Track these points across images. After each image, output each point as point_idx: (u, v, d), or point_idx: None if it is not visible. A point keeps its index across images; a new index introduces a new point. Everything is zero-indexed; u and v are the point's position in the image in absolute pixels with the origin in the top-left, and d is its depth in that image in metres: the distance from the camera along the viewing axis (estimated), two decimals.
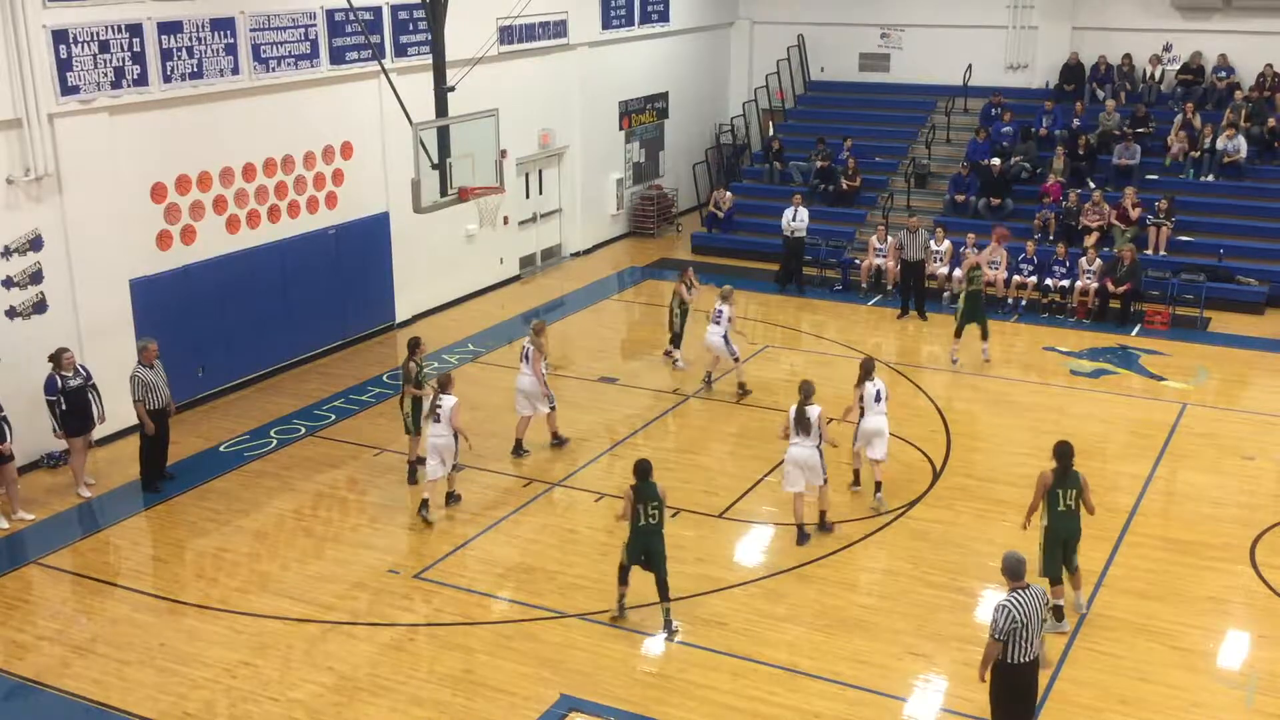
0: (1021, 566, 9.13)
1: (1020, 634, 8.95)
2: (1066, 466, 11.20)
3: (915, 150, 26.25)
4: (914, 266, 20.96)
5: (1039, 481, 11.33)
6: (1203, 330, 20.30)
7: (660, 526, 11.35)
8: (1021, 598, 8.99)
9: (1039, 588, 9.24)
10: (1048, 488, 11.22)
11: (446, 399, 13.51)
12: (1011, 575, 9.12)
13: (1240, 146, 23.33)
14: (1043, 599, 9.17)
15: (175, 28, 15.79)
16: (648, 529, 11.29)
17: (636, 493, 11.22)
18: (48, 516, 13.92)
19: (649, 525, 11.28)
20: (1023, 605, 8.95)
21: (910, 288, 21.12)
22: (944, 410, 16.76)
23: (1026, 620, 8.94)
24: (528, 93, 22.46)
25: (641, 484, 11.23)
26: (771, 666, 10.86)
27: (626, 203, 26.75)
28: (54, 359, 13.93)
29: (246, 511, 14.07)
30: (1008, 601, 8.97)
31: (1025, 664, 9.08)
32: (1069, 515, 11.26)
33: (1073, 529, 11.34)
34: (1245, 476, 14.78)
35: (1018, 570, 9.11)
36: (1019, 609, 8.93)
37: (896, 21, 28.38)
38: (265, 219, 17.73)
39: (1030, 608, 8.98)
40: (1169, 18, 25.74)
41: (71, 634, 11.56)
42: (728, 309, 17.09)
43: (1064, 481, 11.20)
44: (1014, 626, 8.92)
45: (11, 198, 14.38)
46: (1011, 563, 9.15)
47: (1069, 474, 11.21)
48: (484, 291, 22.43)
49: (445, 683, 10.71)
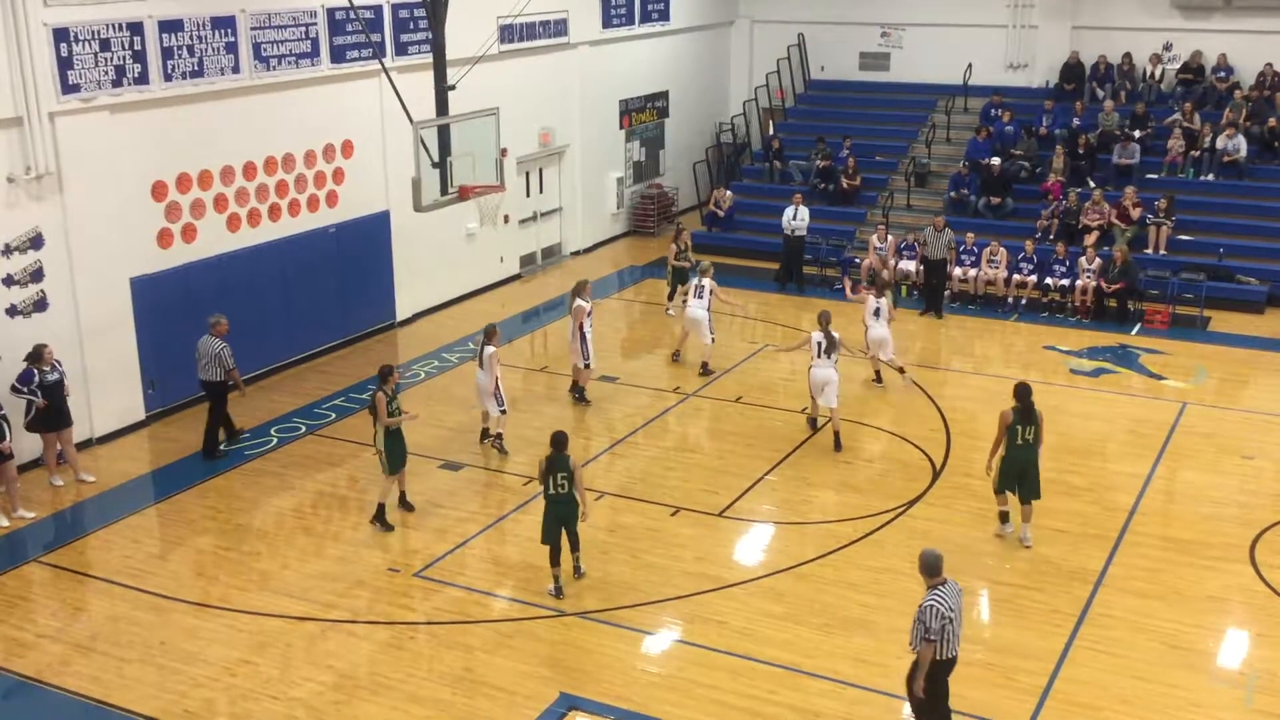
0: (939, 563, 9.21)
1: (948, 629, 9.08)
2: (1028, 406, 12.57)
3: (915, 149, 26.25)
4: (936, 265, 20.95)
5: (1000, 420, 12.65)
6: (1203, 329, 20.30)
7: (570, 495, 11.80)
8: (943, 593, 9.11)
9: (955, 583, 9.30)
10: (1009, 425, 12.56)
11: (488, 349, 14.96)
12: (929, 573, 9.21)
13: (1240, 146, 23.33)
14: (960, 593, 9.27)
15: (176, 26, 15.80)
16: (557, 498, 11.77)
17: (549, 463, 11.66)
18: (48, 515, 13.93)
19: (558, 495, 11.75)
20: (946, 600, 9.07)
21: (933, 286, 21.08)
22: (944, 409, 16.77)
23: (952, 615, 9.07)
24: (528, 91, 22.46)
25: (556, 455, 11.66)
26: (771, 665, 10.86)
27: (626, 202, 26.75)
28: (34, 355, 13.95)
29: (247, 510, 14.08)
30: (933, 600, 9.05)
31: (949, 660, 9.22)
32: (1026, 448, 12.65)
33: (1030, 459, 12.69)
34: (1245, 476, 14.79)
35: (935, 567, 9.21)
36: (944, 604, 9.05)
37: (897, 20, 28.38)
38: (266, 217, 17.74)
39: (953, 602, 9.11)
40: (1169, 17, 25.74)
41: (72, 632, 11.56)
42: (709, 282, 17.97)
43: (1024, 419, 12.56)
44: (943, 623, 9.03)
45: (12, 196, 14.38)
46: (929, 560, 9.23)
47: (1030, 412, 12.56)
48: (484, 290, 22.44)
49: (445, 681, 10.72)
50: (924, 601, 9.08)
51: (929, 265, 21.06)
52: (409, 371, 18.51)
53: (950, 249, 21.03)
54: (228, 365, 15.08)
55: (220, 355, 15.05)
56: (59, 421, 14.23)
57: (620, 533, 13.40)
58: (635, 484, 14.62)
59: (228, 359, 15.07)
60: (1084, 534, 13.26)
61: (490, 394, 15.18)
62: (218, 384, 15.23)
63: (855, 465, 15.09)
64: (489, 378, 15.09)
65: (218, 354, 15.05)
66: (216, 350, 15.05)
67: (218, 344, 15.06)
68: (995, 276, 21.36)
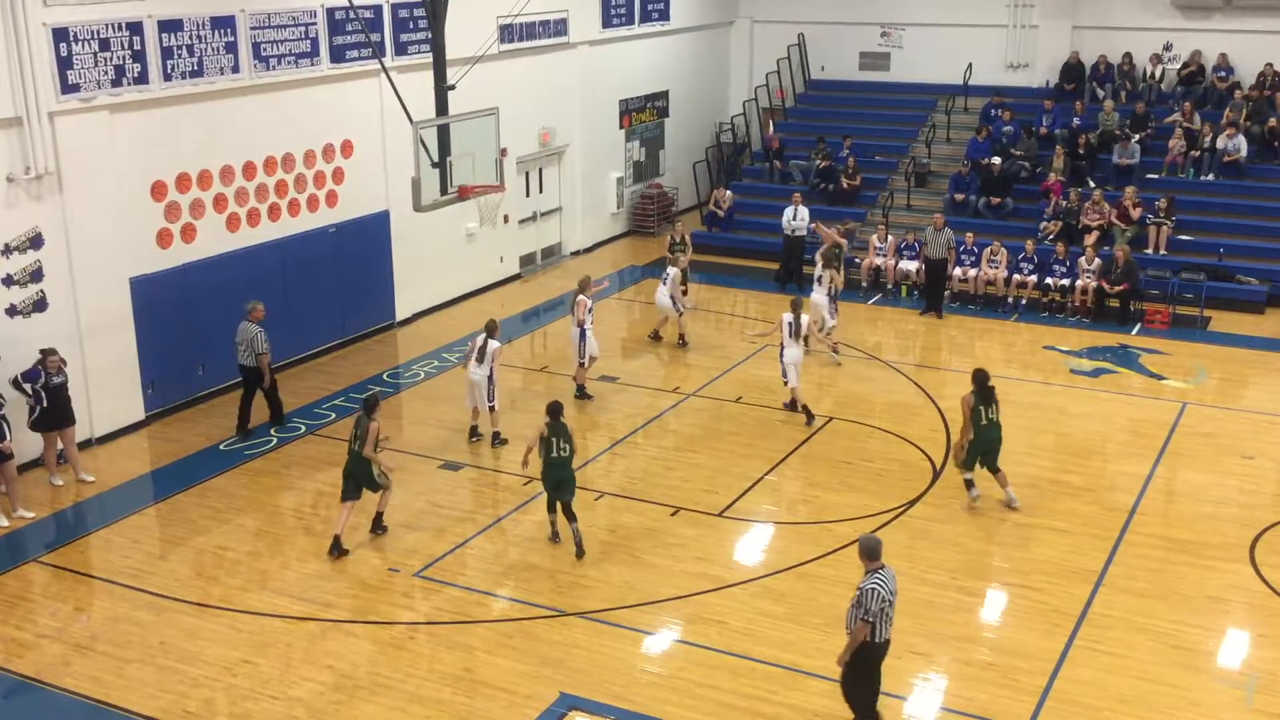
0: (879, 548, 9.41)
1: (886, 612, 9.25)
2: (987, 389, 13.50)
3: (915, 149, 26.25)
4: (937, 265, 20.92)
5: (963, 404, 13.53)
6: (1203, 329, 20.30)
7: (570, 460, 12.87)
8: (883, 578, 9.28)
9: (891, 569, 9.44)
10: (972, 408, 13.39)
11: (492, 342, 15.23)
12: (869, 557, 9.40)
13: (1240, 146, 23.33)
14: (895, 578, 9.43)
15: (176, 26, 15.79)
16: (558, 461, 12.78)
17: (549, 429, 12.79)
18: (48, 514, 13.93)
19: (559, 458, 12.78)
20: (885, 585, 9.25)
21: (934, 286, 21.04)
22: (944, 409, 16.76)
23: (890, 599, 9.26)
24: (528, 91, 22.46)
25: (554, 422, 12.82)
26: (771, 665, 10.86)
27: (626, 201, 26.75)
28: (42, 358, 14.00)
29: (246, 510, 14.08)
30: (874, 584, 9.22)
31: (883, 643, 9.40)
32: (992, 426, 13.53)
33: (996, 436, 13.60)
34: (1245, 476, 14.79)
35: (875, 552, 9.40)
36: (884, 587, 9.21)
37: (897, 20, 28.38)
38: (265, 217, 17.73)
39: (891, 587, 9.29)
40: (1169, 17, 25.75)
41: (72, 632, 11.56)
42: (673, 270, 19.15)
43: (985, 400, 13.45)
44: (882, 605, 9.20)
45: (12, 196, 14.38)
46: (869, 545, 9.43)
47: (989, 393, 13.50)
48: (484, 290, 22.43)
49: (445, 681, 10.72)
50: (865, 584, 9.28)
51: (929, 265, 21.06)
52: (409, 371, 18.52)
53: (950, 249, 21.02)
54: (259, 349, 15.56)
55: (255, 340, 15.56)
56: (61, 420, 14.26)
57: (620, 533, 13.40)
58: (635, 484, 14.62)
59: (261, 343, 15.57)
60: (1084, 534, 13.26)
61: (484, 389, 15.36)
62: (253, 369, 15.74)
63: (855, 465, 15.09)
64: (485, 371, 15.30)
65: (253, 338, 15.58)
66: (252, 335, 15.58)
67: (254, 329, 15.60)
68: (995, 276, 21.35)
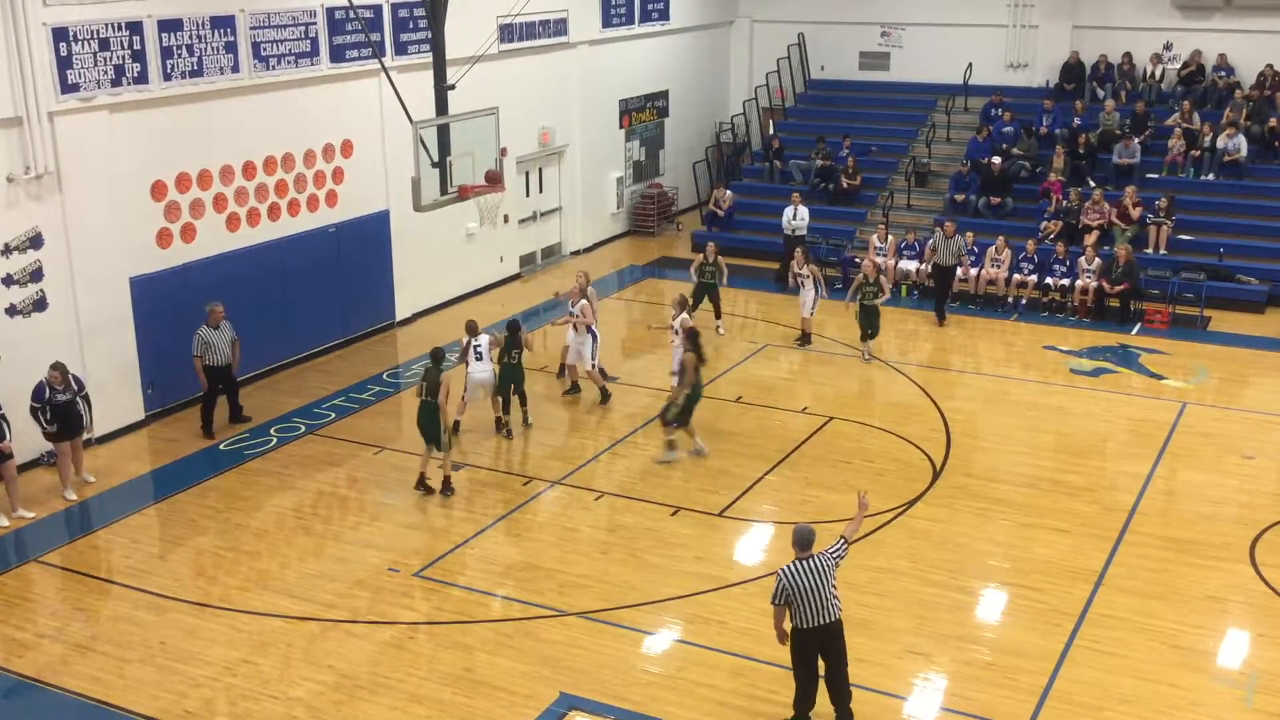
0: (808, 538, 9.51)
1: (809, 600, 9.36)
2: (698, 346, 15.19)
3: (916, 149, 26.25)
4: (946, 271, 20.70)
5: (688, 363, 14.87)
6: (1203, 329, 20.30)
7: (519, 365, 15.74)
8: (802, 566, 9.38)
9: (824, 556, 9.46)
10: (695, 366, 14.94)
11: (483, 337, 15.68)
12: (799, 546, 9.51)
13: (1240, 145, 23.33)
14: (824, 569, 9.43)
15: (175, 26, 15.79)
16: (510, 366, 15.68)
17: (506, 340, 15.61)
18: (48, 514, 13.93)
19: (510, 364, 15.67)
20: (801, 573, 9.36)
21: (942, 292, 20.74)
22: (944, 409, 16.77)
23: (810, 587, 9.34)
24: (528, 91, 22.46)
25: (510, 335, 15.62)
26: (772, 665, 10.84)
27: (626, 201, 26.75)
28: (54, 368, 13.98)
29: (246, 510, 14.07)
30: (786, 570, 9.41)
31: (811, 630, 9.49)
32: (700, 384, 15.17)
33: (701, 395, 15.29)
34: (1245, 476, 14.79)
35: (803, 541, 9.51)
36: (797, 577, 9.35)
37: (897, 20, 28.38)
38: (265, 217, 17.73)
39: (810, 579, 9.34)
40: (1169, 17, 25.75)
41: (71, 632, 11.56)
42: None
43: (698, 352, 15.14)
44: (791, 593, 9.36)
45: (12, 196, 14.37)
46: (799, 534, 9.56)
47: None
48: (484, 290, 22.43)
49: (445, 681, 10.71)
50: (781, 568, 9.50)
51: (938, 270, 20.76)
52: (409, 371, 18.52)
53: (961, 255, 20.82)
54: (193, 350, 15.64)
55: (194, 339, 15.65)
56: (66, 432, 14.18)
57: (620, 533, 13.40)
58: (635, 484, 14.62)
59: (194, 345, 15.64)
60: (1084, 534, 13.26)
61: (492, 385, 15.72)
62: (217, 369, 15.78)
63: (855, 465, 15.08)
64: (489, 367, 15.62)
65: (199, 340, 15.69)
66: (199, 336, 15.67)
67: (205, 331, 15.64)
68: (996, 276, 21.33)
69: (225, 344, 15.68)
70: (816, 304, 19.36)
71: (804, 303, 19.32)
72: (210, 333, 15.58)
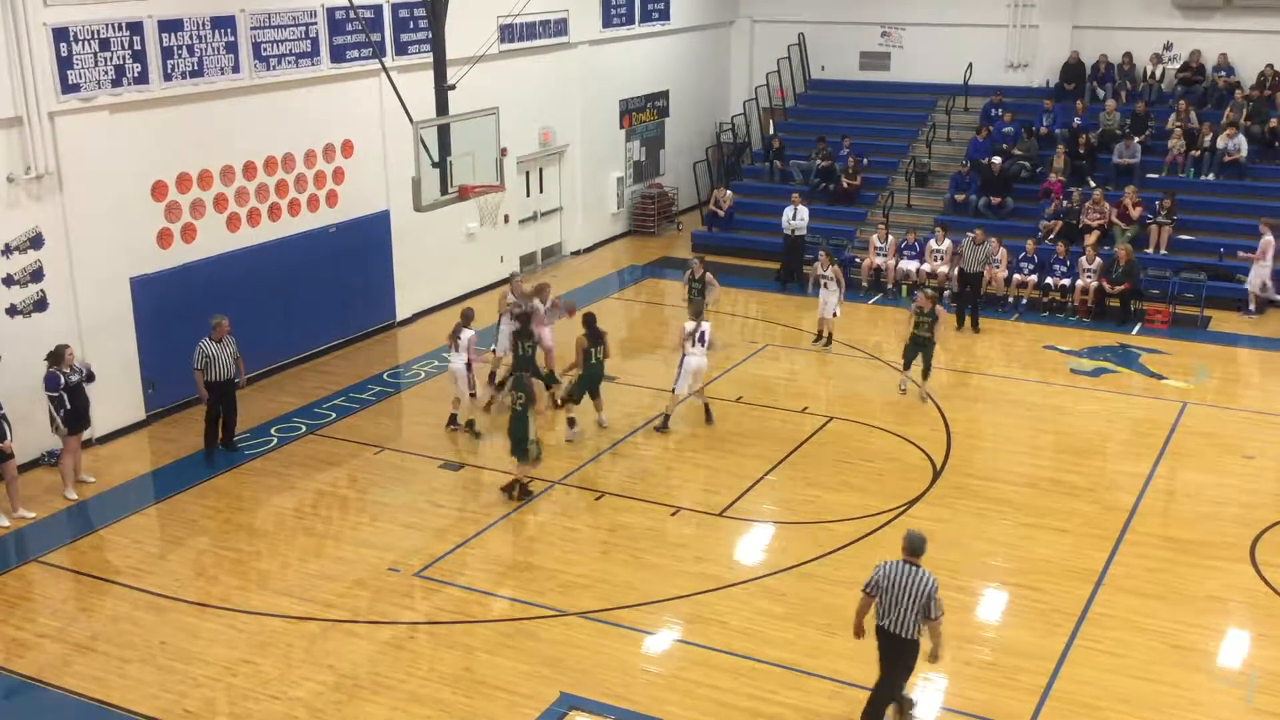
0: (917, 546, 9.40)
1: (883, 599, 9.35)
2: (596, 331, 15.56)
3: (916, 149, 26.25)
4: (973, 277, 20.29)
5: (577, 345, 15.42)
6: (1203, 329, 20.30)
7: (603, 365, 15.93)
8: (897, 567, 9.32)
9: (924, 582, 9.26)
10: (584, 349, 15.41)
11: (466, 331, 15.63)
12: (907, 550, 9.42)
13: (1240, 145, 23.33)
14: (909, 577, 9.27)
15: (176, 26, 15.79)
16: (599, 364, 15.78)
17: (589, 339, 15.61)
18: (48, 514, 13.93)
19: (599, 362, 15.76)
20: (892, 572, 9.31)
21: (968, 298, 20.38)
22: (944, 409, 16.77)
23: (891, 586, 9.29)
24: (528, 91, 22.46)
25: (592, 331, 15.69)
26: (773, 665, 10.86)
27: (627, 201, 26.75)
28: (54, 356, 13.93)
29: (247, 510, 14.08)
30: (883, 563, 9.43)
31: (880, 627, 9.46)
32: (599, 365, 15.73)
33: (599, 375, 15.84)
34: (1245, 476, 14.79)
35: (912, 548, 9.41)
36: (884, 570, 9.35)
37: (897, 20, 28.39)
38: (266, 217, 17.73)
39: (902, 579, 9.26)
40: (1170, 17, 25.77)
41: (72, 632, 11.56)
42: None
43: (595, 341, 15.51)
44: (882, 586, 9.33)
45: (12, 196, 14.37)
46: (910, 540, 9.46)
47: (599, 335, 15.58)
48: (484, 290, 22.42)
49: (445, 681, 10.71)
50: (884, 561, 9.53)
51: (964, 277, 20.37)
52: (409, 371, 18.53)
53: (988, 263, 20.42)
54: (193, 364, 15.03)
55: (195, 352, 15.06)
56: (79, 423, 14.19)
57: (620, 533, 13.40)
58: (635, 484, 14.62)
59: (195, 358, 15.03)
60: (1084, 534, 13.26)
61: (464, 377, 15.62)
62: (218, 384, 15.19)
63: (855, 465, 15.09)
64: (464, 359, 15.57)
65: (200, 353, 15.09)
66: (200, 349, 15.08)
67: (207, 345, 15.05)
68: (996, 276, 21.32)
69: (228, 359, 15.12)
70: (839, 305, 19.13)
71: (825, 303, 19.09)
72: (213, 346, 15.01)
